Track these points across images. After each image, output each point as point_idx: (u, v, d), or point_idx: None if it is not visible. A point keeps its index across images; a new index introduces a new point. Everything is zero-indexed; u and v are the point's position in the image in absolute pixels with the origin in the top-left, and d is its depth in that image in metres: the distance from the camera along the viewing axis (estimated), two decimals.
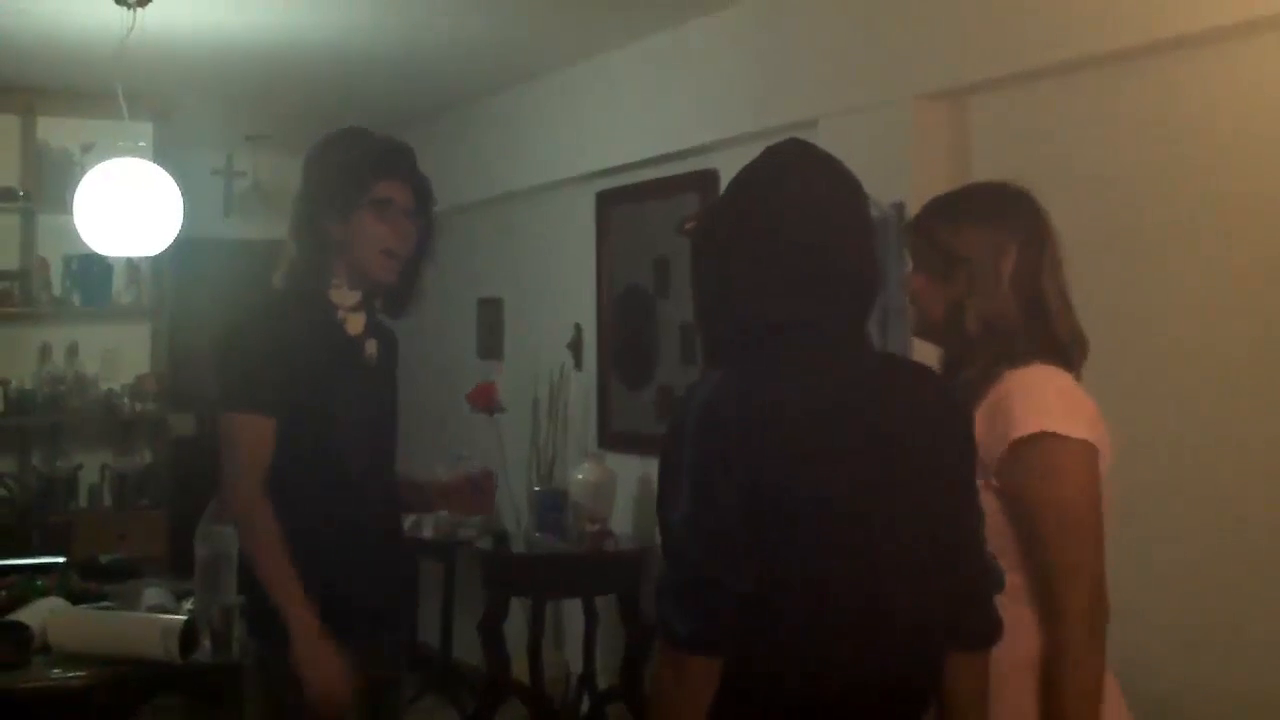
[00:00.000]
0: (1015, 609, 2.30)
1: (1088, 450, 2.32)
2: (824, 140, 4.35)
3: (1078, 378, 2.46)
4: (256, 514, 2.95)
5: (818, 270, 2.17)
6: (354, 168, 3.07)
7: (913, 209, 4.01)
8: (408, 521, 6.40)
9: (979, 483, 2.30)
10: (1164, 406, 3.66)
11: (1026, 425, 2.30)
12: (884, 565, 2.13)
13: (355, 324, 3.13)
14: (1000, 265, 2.42)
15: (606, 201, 6.26)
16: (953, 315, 2.46)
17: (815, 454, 2.10)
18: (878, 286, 2.26)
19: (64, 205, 5.48)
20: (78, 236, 5.09)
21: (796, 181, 2.22)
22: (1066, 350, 2.44)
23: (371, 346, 3.16)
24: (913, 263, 2.55)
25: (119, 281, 7.04)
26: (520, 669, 5.66)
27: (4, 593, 3.76)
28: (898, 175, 4.20)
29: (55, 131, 6.89)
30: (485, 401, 6.06)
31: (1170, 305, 3.66)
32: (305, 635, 2.91)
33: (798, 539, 2.09)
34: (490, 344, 7.31)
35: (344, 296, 3.11)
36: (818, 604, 2.10)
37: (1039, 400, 2.32)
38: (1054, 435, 2.30)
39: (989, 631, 2.22)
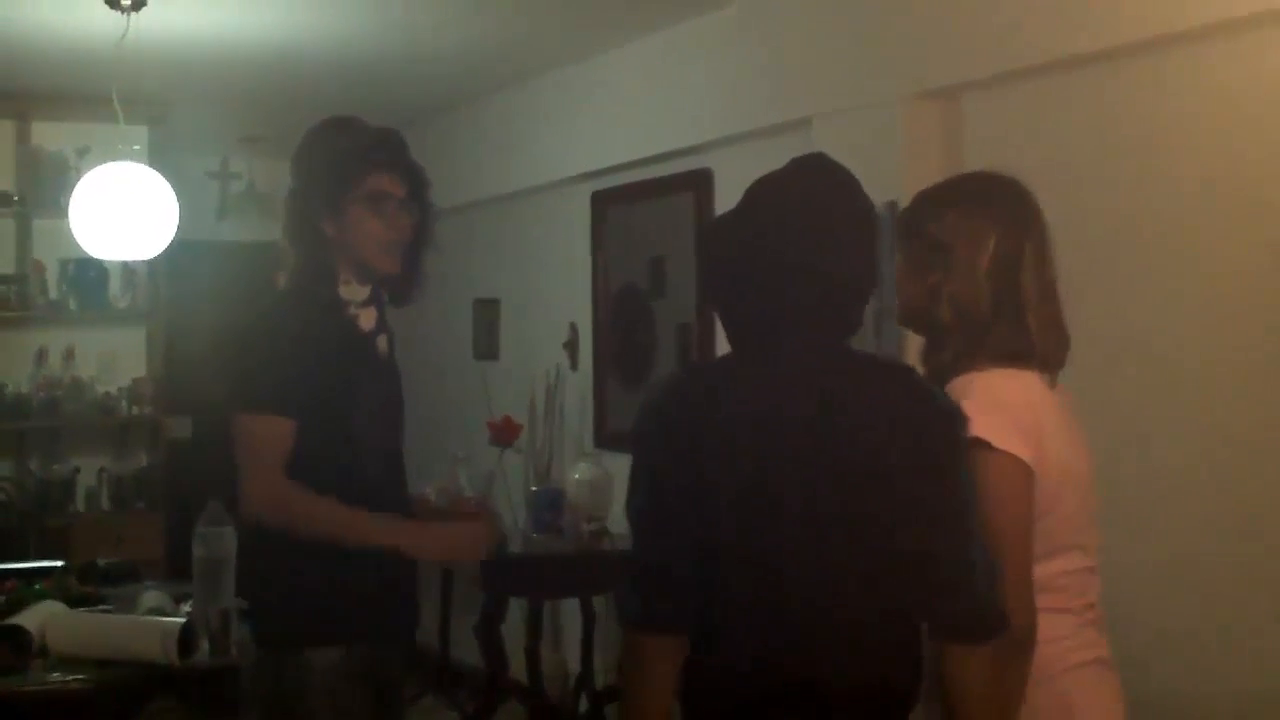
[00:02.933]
0: None
1: (1013, 465, 2.32)
2: (818, 139, 4.37)
3: (1054, 374, 2.47)
4: (286, 496, 2.92)
5: (806, 282, 2.24)
6: (341, 162, 3.02)
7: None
8: None
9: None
10: (1161, 405, 3.67)
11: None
12: (838, 563, 2.18)
13: (368, 319, 3.09)
14: (977, 253, 2.43)
15: (602, 201, 6.26)
16: (930, 302, 2.47)
17: (764, 457, 2.19)
18: (864, 304, 2.32)
19: (60, 209, 5.49)
20: (74, 240, 5.09)
21: (804, 195, 2.29)
22: (1033, 348, 2.43)
23: (383, 342, 3.13)
24: (900, 250, 2.56)
25: (115, 285, 7.04)
26: (518, 669, 5.66)
27: (3, 597, 3.76)
28: (891, 174, 4.20)
29: (50, 136, 6.89)
30: (506, 437, 6.03)
31: (1167, 304, 3.67)
32: (412, 542, 2.99)
33: (745, 537, 2.19)
34: (487, 344, 7.31)
35: (353, 292, 3.07)
36: (768, 598, 2.18)
37: (975, 407, 2.31)
38: (983, 443, 2.30)
39: (978, 625, 2.23)
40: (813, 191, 2.28)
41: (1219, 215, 3.54)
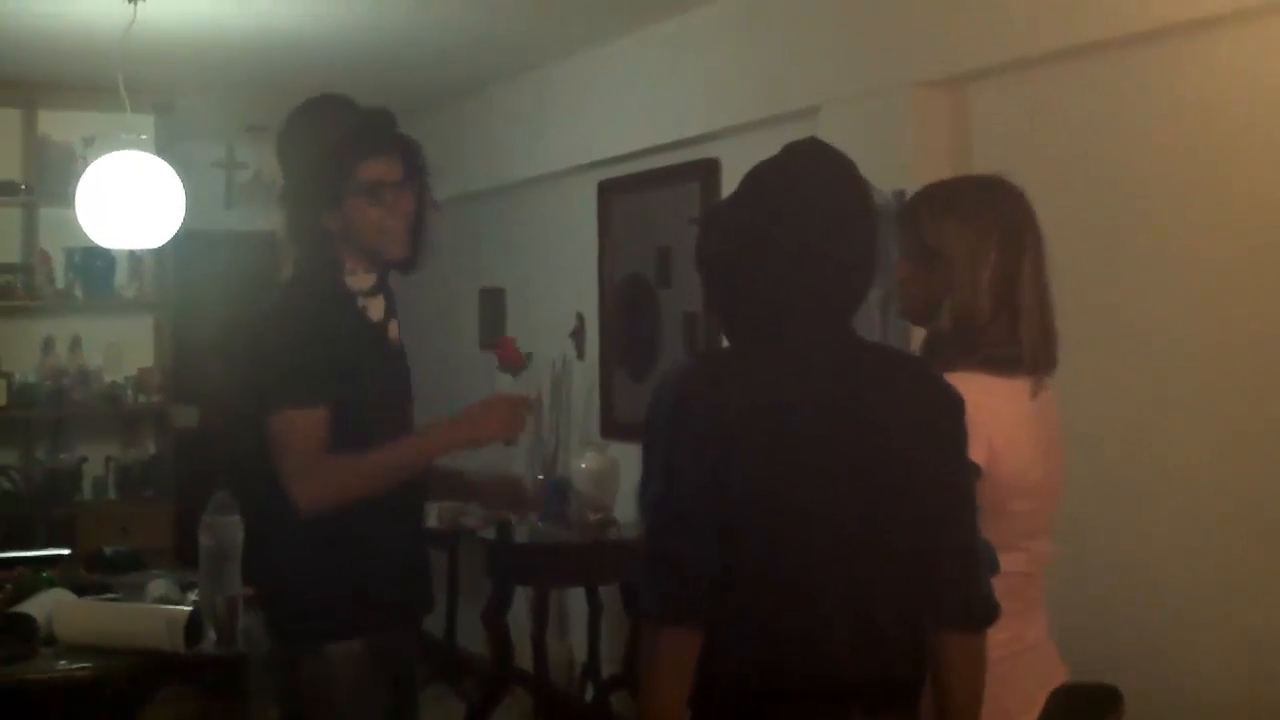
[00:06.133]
0: None
1: None
2: (825, 128, 4.36)
3: (1043, 376, 2.49)
4: (332, 480, 2.87)
5: (812, 268, 2.23)
6: (332, 154, 2.96)
7: None
8: None
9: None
10: (1162, 394, 3.66)
11: None
12: (853, 552, 2.19)
13: (377, 309, 3.05)
14: (978, 267, 2.44)
15: (608, 191, 6.26)
16: (929, 307, 2.49)
17: (782, 446, 2.17)
18: (869, 289, 2.31)
19: (66, 198, 5.49)
20: (80, 229, 5.10)
21: (804, 181, 2.27)
22: (1022, 355, 2.45)
23: (394, 329, 3.11)
24: (901, 248, 2.56)
25: (121, 274, 7.05)
26: (524, 658, 5.67)
27: (10, 585, 3.77)
28: (899, 163, 4.20)
29: (57, 125, 6.90)
30: (511, 359, 5.93)
31: (1170, 294, 3.65)
32: (454, 437, 3.01)
33: (764, 526, 2.17)
34: (492, 333, 7.31)
35: (361, 281, 3.02)
36: (785, 588, 2.17)
37: None
38: None
39: (979, 612, 2.26)
40: (810, 175, 2.27)
41: (1231, 205, 3.52)
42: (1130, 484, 3.72)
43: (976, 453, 2.32)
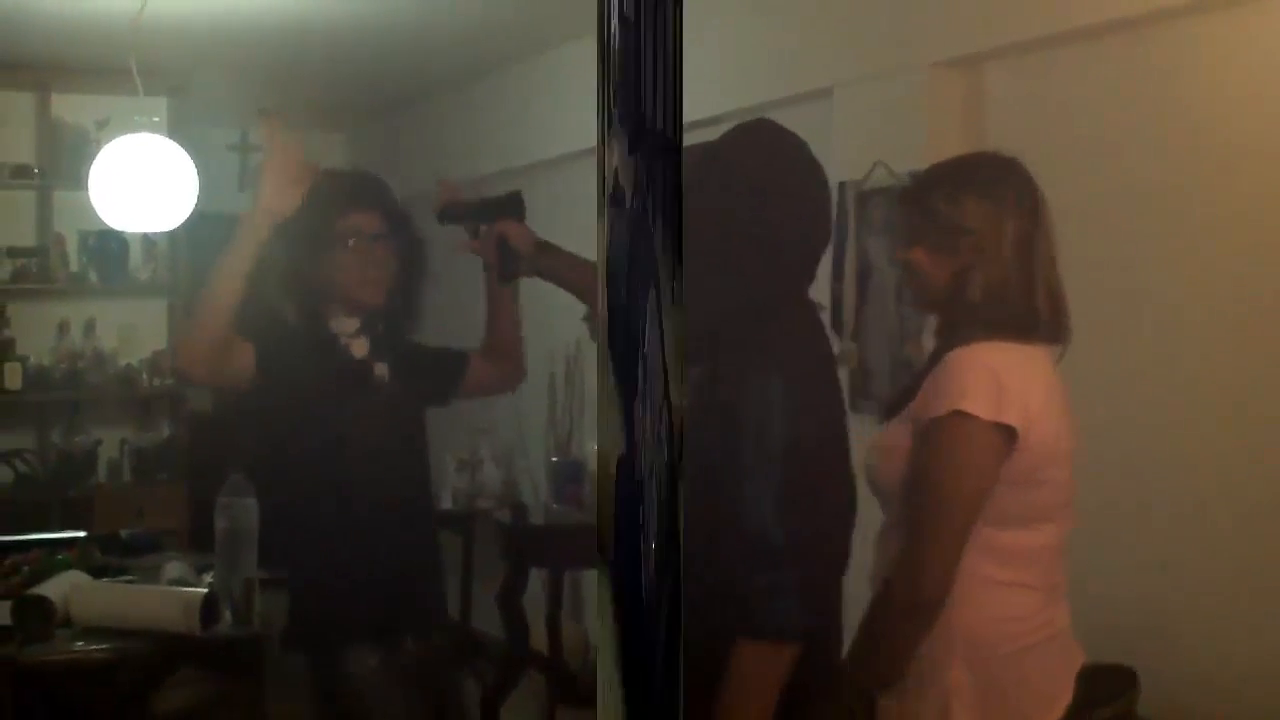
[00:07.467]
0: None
1: (993, 433, 2.35)
2: (839, 109, 4.35)
3: (1061, 346, 2.51)
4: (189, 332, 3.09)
5: (789, 249, 2.30)
6: (316, 204, 3.12)
7: None
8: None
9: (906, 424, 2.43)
10: (1179, 375, 3.65)
11: (946, 404, 2.36)
12: None
13: (360, 347, 3.16)
14: (1001, 236, 2.45)
15: None
16: (956, 285, 2.48)
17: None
18: (819, 256, 2.42)
19: (80, 181, 5.48)
20: (94, 213, 5.09)
21: (758, 161, 2.32)
22: (1039, 323, 2.47)
23: (381, 369, 3.18)
24: (909, 236, 2.56)
25: (136, 257, 7.06)
26: (539, 640, 5.67)
27: (26, 568, 3.78)
28: (913, 143, 4.18)
29: (70, 108, 6.91)
30: None
31: (1190, 279, 3.64)
32: (247, 221, 3.24)
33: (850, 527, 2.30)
34: None
35: (343, 325, 3.16)
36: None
37: (964, 380, 2.37)
38: (963, 414, 2.33)
39: None
40: (766, 152, 2.31)
41: (1248, 186, 3.50)
42: (1144, 465, 3.70)
43: (1012, 417, 2.34)
